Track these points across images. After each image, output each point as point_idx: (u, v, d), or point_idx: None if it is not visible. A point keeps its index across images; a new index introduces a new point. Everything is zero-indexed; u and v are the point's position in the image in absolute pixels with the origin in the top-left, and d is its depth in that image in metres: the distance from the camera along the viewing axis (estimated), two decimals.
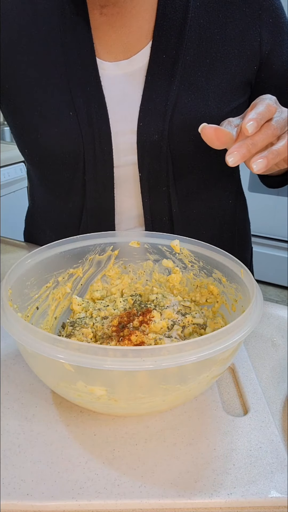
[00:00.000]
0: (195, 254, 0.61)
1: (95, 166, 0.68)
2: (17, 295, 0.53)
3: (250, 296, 0.49)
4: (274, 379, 0.57)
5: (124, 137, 0.67)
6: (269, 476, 0.44)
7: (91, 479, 0.43)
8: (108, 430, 0.49)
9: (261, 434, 0.48)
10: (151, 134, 0.66)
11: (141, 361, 0.38)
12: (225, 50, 0.65)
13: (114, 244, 0.63)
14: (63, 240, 0.59)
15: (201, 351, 0.40)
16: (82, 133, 0.65)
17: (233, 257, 0.56)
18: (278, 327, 0.68)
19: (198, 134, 0.66)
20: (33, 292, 0.56)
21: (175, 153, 0.67)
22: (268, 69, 0.69)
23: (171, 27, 0.64)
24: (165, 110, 0.65)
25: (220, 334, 0.41)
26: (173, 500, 0.41)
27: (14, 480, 0.43)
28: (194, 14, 0.65)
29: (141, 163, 0.68)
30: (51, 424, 0.49)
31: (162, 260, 0.64)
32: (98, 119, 0.66)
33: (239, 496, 0.42)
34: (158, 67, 0.65)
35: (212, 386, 0.55)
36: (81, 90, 0.65)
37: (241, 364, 0.59)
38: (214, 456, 0.46)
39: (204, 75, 0.65)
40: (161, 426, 0.49)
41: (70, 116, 0.65)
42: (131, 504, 0.41)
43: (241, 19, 0.65)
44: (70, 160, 0.68)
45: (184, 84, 0.65)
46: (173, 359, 0.39)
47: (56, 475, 0.44)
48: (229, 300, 0.57)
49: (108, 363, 0.38)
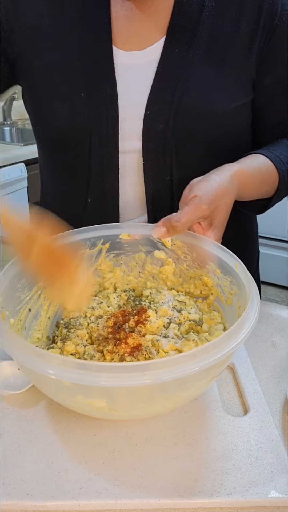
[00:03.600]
0: (188, 245, 0.60)
1: (101, 149, 0.70)
2: (9, 300, 0.52)
3: (247, 293, 0.48)
4: (274, 379, 0.57)
5: (131, 123, 0.69)
6: (269, 476, 0.44)
7: (91, 479, 0.43)
8: (108, 430, 0.49)
9: (261, 434, 0.48)
10: (157, 122, 0.68)
11: (141, 376, 0.38)
12: (235, 49, 0.67)
13: (104, 238, 0.63)
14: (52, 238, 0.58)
15: (200, 361, 0.39)
16: (91, 114, 0.68)
17: (227, 250, 0.56)
18: (278, 327, 0.68)
19: (201, 125, 0.68)
20: (24, 294, 0.56)
21: (179, 144, 0.69)
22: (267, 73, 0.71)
23: (185, 24, 0.67)
24: (172, 101, 0.67)
25: (218, 342, 0.41)
26: (173, 500, 0.41)
27: (14, 480, 0.43)
28: (208, 13, 0.67)
29: (145, 151, 0.70)
30: (51, 424, 0.49)
31: (155, 251, 0.63)
32: (107, 103, 0.68)
33: (239, 496, 0.42)
34: (170, 60, 0.68)
35: (212, 386, 0.55)
36: (95, 74, 0.68)
37: (241, 364, 0.59)
38: (214, 456, 0.46)
39: (213, 71, 0.67)
40: (161, 426, 0.49)
41: (82, 97, 0.67)
42: (131, 504, 0.41)
43: (253, 22, 0.67)
44: (77, 140, 0.70)
45: (192, 77, 0.67)
46: (173, 372, 0.38)
47: (56, 475, 0.44)
48: (224, 293, 0.57)
49: (107, 379, 0.38)
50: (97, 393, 0.42)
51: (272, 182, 0.69)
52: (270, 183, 0.69)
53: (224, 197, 0.58)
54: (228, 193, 0.58)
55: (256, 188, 0.67)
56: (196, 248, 0.59)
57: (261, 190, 0.69)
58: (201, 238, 0.58)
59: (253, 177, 0.64)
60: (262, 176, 0.66)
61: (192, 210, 0.55)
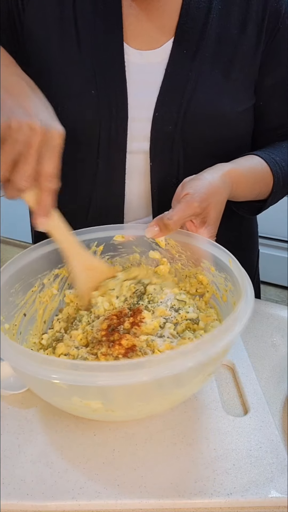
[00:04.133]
0: (181, 244, 0.60)
1: (109, 149, 0.70)
2: (3, 304, 0.51)
3: (241, 288, 0.48)
4: (274, 379, 0.57)
5: (139, 124, 0.69)
6: (269, 476, 0.44)
7: (91, 479, 0.43)
8: (108, 430, 0.49)
9: (261, 434, 0.48)
10: (165, 124, 0.68)
11: (136, 374, 0.37)
12: (242, 51, 0.67)
13: (98, 240, 0.63)
14: (45, 242, 0.58)
15: (195, 356, 0.39)
16: (100, 112, 0.68)
17: (220, 246, 0.56)
18: (278, 327, 0.68)
19: (210, 128, 0.68)
20: (18, 299, 0.55)
21: (187, 146, 0.69)
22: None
23: (193, 26, 0.67)
24: (181, 103, 0.67)
25: (212, 336, 0.41)
26: (173, 500, 0.41)
27: (14, 480, 0.43)
28: (215, 15, 0.67)
29: (153, 152, 0.70)
30: (51, 424, 0.49)
31: (149, 251, 0.63)
32: (117, 102, 0.68)
33: (239, 496, 0.42)
34: (178, 61, 0.68)
35: (212, 386, 0.55)
36: (105, 71, 0.68)
37: (241, 364, 0.59)
38: (214, 456, 0.46)
39: (221, 73, 0.68)
40: (161, 426, 0.49)
41: (92, 95, 0.67)
42: (131, 504, 0.41)
43: (258, 23, 0.67)
44: (85, 138, 0.70)
45: (201, 79, 0.67)
46: (167, 368, 0.38)
47: (56, 475, 0.44)
48: (219, 290, 0.57)
49: (103, 378, 0.37)
50: (93, 393, 0.42)
51: (266, 184, 0.69)
52: (264, 185, 0.69)
53: (215, 195, 0.58)
54: (219, 191, 0.59)
55: (249, 188, 0.67)
56: (190, 247, 0.59)
57: (254, 191, 0.69)
58: (195, 236, 0.58)
59: (245, 177, 0.65)
60: (255, 177, 0.67)
61: (183, 207, 0.56)
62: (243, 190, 0.66)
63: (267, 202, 0.72)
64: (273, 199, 0.71)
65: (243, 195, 0.68)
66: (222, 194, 0.59)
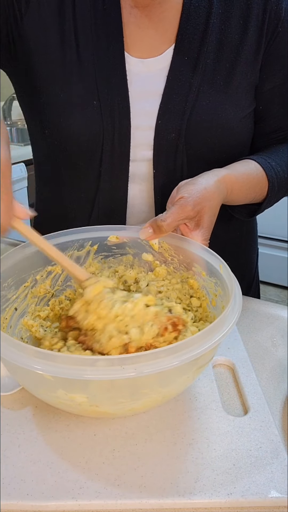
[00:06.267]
0: (174, 247, 0.60)
1: (112, 158, 0.70)
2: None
3: (229, 292, 0.48)
4: (274, 379, 0.57)
5: (142, 132, 0.69)
6: (269, 476, 0.44)
7: (91, 479, 0.43)
8: (108, 430, 0.49)
9: (261, 434, 0.48)
10: (169, 132, 0.68)
11: (121, 370, 0.38)
12: (243, 56, 0.67)
13: (92, 240, 0.63)
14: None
15: (180, 355, 0.39)
16: (104, 123, 0.67)
17: (212, 251, 0.56)
18: (278, 327, 0.68)
19: (213, 136, 0.68)
20: (10, 293, 0.55)
21: (190, 153, 0.69)
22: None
23: (194, 32, 0.67)
24: (184, 110, 0.67)
25: (198, 338, 0.41)
26: (173, 500, 0.41)
27: (14, 480, 0.43)
28: (216, 20, 0.67)
29: (156, 160, 0.70)
30: (51, 424, 0.49)
31: (142, 254, 0.63)
32: (120, 111, 0.68)
33: (239, 496, 0.42)
34: (180, 68, 0.67)
35: (212, 386, 0.55)
36: (106, 81, 0.67)
37: (241, 364, 0.59)
38: (214, 456, 0.46)
39: (223, 79, 0.67)
40: (161, 426, 0.49)
41: (94, 105, 0.67)
42: (131, 504, 0.41)
43: (258, 27, 0.67)
44: (88, 149, 0.70)
45: (203, 86, 0.67)
46: (153, 366, 0.38)
47: (56, 475, 0.44)
48: (209, 295, 0.57)
49: (89, 373, 0.38)
50: (77, 387, 0.41)
51: (261, 189, 0.69)
52: (259, 190, 0.69)
53: (209, 199, 0.58)
54: (213, 196, 0.59)
55: (243, 193, 0.67)
56: (183, 251, 0.59)
57: (249, 196, 0.69)
58: (188, 240, 0.59)
59: (240, 183, 0.65)
60: (250, 182, 0.67)
61: (177, 210, 0.56)
62: (237, 195, 0.66)
63: (262, 206, 0.72)
64: (267, 203, 0.72)
65: (238, 200, 0.68)
66: (216, 199, 0.60)
